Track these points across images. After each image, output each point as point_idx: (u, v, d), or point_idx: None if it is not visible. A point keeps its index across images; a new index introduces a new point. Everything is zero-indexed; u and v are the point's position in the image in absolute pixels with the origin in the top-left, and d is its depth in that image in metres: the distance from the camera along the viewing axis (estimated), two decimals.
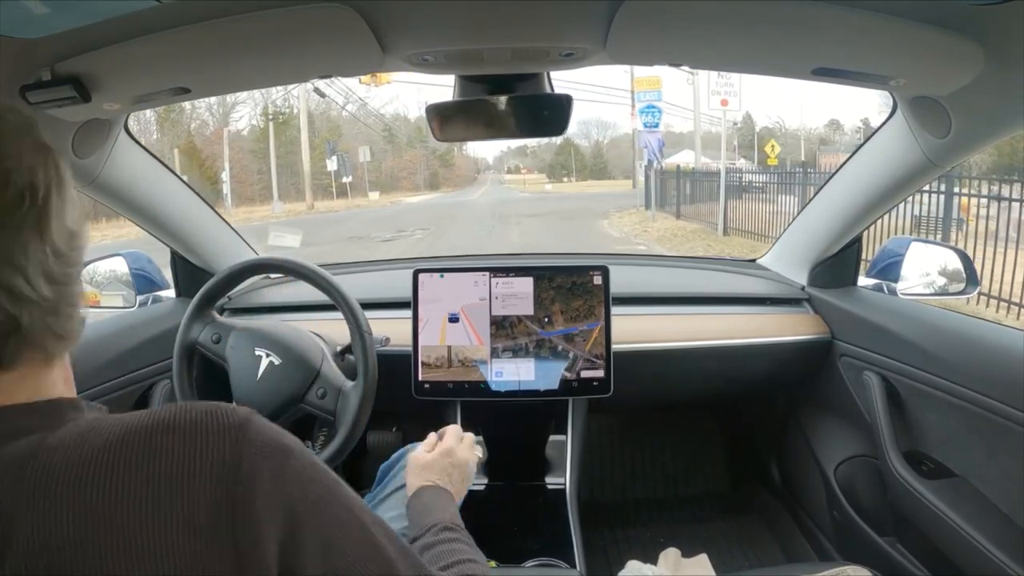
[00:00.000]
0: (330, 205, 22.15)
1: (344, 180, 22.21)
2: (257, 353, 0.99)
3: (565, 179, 44.80)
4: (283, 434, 0.44)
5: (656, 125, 11.97)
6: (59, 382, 0.44)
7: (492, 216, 14.90)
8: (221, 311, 1.41)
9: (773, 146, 13.97)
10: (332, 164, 20.92)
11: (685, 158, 18.19)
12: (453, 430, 0.92)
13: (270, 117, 23.14)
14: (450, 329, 1.18)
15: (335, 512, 0.44)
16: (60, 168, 0.43)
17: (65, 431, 0.40)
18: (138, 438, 0.39)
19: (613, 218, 13.11)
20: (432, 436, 0.89)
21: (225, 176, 20.26)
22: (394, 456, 1.08)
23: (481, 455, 1.01)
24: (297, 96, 22.35)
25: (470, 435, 0.93)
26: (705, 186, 11.20)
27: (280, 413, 0.98)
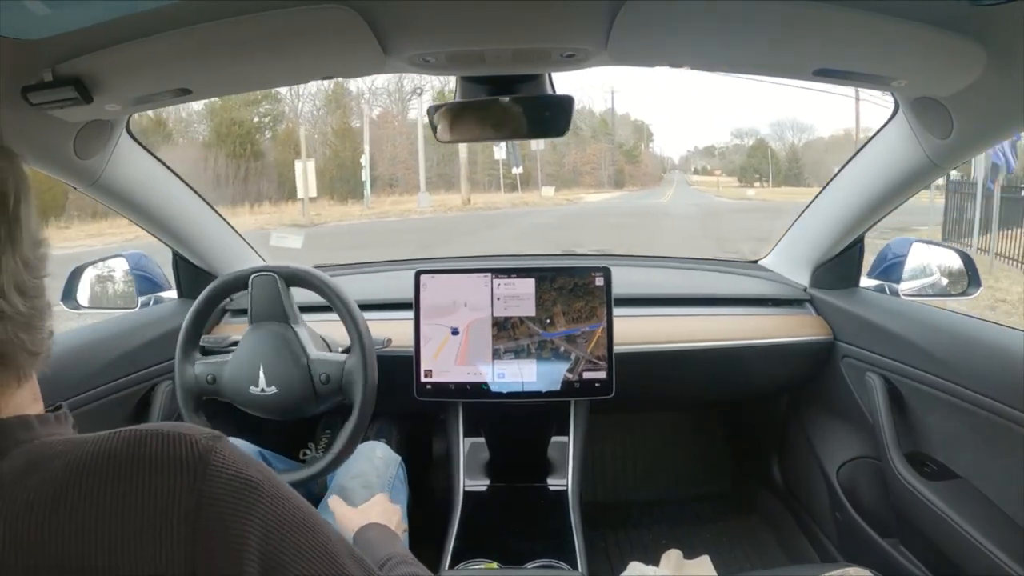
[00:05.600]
0: (491, 199, 18.85)
1: (514, 171, 19.37)
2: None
3: (757, 184, 37.29)
4: (248, 464, 0.41)
5: None
6: (27, 400, 0.42)
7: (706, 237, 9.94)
8: (223, 312, 1.41)
9: None
10: (500, 152, 18.14)
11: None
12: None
13: (418, 93, 20.28)
14: (451, 339, 1.18)
15: (306, 548, 0.42)
16: (25, 174, 0.41)
17: (7, 464, 0.37)
18: (84, 481, 0.36)
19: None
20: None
21: (364, 161, 17.85)
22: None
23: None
24: None
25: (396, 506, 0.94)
26: None
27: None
